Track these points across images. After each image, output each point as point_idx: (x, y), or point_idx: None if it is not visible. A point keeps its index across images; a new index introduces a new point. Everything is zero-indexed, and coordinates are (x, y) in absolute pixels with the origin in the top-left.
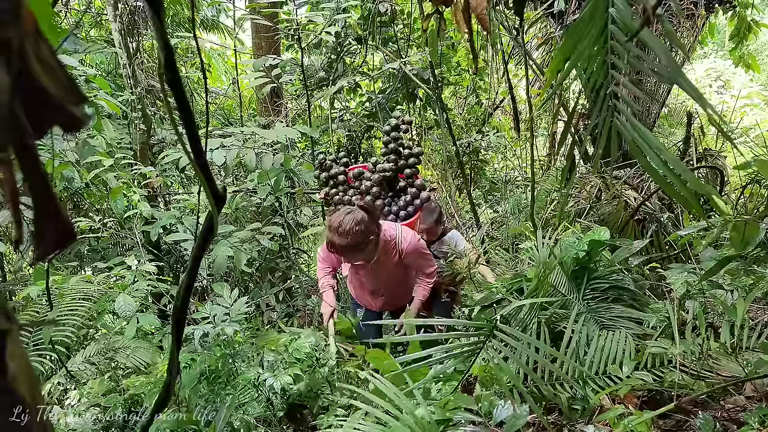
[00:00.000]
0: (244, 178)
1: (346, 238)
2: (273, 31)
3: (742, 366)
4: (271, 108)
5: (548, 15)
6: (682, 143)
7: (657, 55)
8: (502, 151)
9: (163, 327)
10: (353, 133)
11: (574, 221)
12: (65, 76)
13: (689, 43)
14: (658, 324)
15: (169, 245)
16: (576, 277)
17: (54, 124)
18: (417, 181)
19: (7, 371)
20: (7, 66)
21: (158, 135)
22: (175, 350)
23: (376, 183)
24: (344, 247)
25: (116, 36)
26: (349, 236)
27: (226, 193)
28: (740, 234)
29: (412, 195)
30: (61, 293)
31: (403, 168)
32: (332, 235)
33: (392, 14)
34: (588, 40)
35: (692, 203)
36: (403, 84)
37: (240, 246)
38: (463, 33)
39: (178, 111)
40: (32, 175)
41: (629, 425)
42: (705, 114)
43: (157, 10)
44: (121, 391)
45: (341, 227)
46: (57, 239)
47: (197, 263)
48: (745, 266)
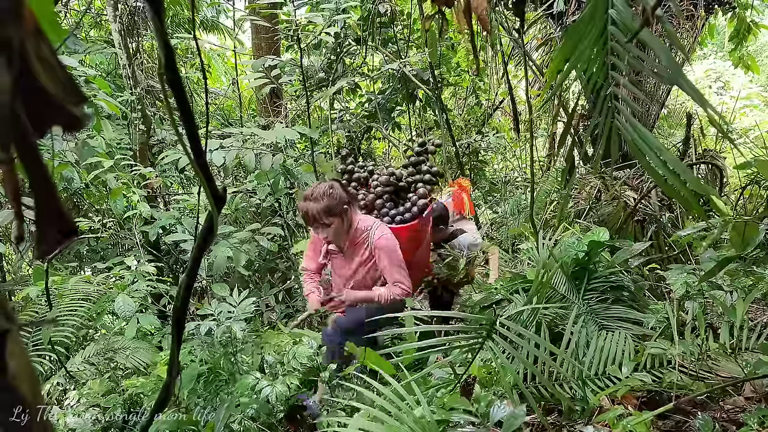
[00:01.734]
0: (244, 179)
1: (317, 202)
2: (273, 31)
3: (741, 367)
4: (271, 108)
5: (548, 16)
6: (681, 144)
7: (657, 56)
8: (502, 152)
9: (163, 327)
10: (353, 134)
11: (573, 222)
12: (65, 76)
13: (689, 44)
14: (657, 325)
15: (169, 246)
16: (576, 278)
17: (54, 124)
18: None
19: (8, 370)
20: (8, 65)
21: (158, 135)
22: (175, 350)
23: (383, 183)
24: (315, 213)
25: (116, 36)
26: (322, 199)
27: (226, 193)
28: (740, 235)
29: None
30: (61, 293)
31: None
32: (305, 202)
33: (392, 15)
34: (588, 40)
35: (692, 203)
36: (402, 85)
37: (239, 247)
38: (464, 33)
39: (178, 111)
40: (34, 173)
41: (628, 426)
42: (705, 115)
43: (157, 10)
44: (121, 391)
45: (313, 193)
46: (59, 237)
47: (197, 263)
48: (745, 267)
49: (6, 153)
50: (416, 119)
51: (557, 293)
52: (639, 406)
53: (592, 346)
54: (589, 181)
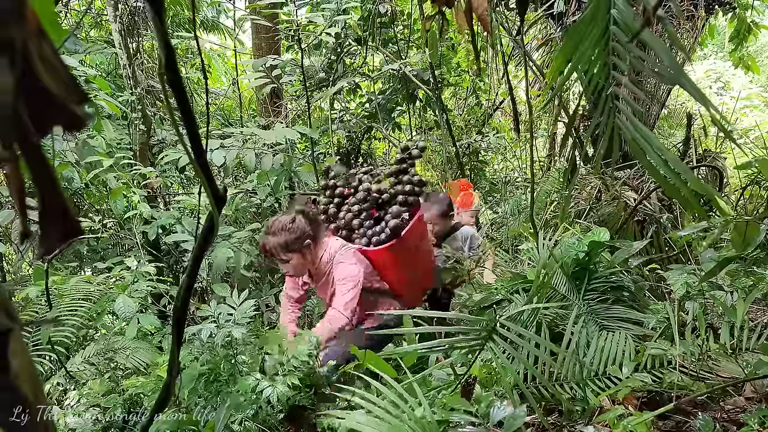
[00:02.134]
0: (244, 179)
1: (276, 236)
2: (273, 31)
3: (741, 367)
4: (271, 109)
5: (548, 16)
6: (682, 144)
7: (659, 56)
8: (502, 152)
9: (163, 327)
10: (353, 134)
11: (573, 222)
12: (67, 76)
13: (689, 45)
14: (657, 325)
15: (169, 246)
16: (576, 278)
17: (57, 124)
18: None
19: (10, 369)
20: (11, 66)
21: (158, 135)
22: (175, 350)
23: (360, 201)
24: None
25: (116, 36)
26: (280, 234)
27: (227, 193)
28: (741, 235)
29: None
30: (61, 293)
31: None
32: (265, 235)
33: (392, 15)
34: (589, 41)
35: (693, 203)
36: (403, 85)
37: (240, 247)
38: (464, 34)
39: (179, 111)
40: (38, 172)
41: (629, 426)
42: (706, 114)
43: (158, 10)
44: (121, 391)
45: (272, 226)
46: (62, 235)
47: (198, 263)
48: (745, 267)
49: (9, 152)
50: (416, 119)
51: (557, 293)
52: (639, 407)
53: (593, 347)
54: (589, 182)
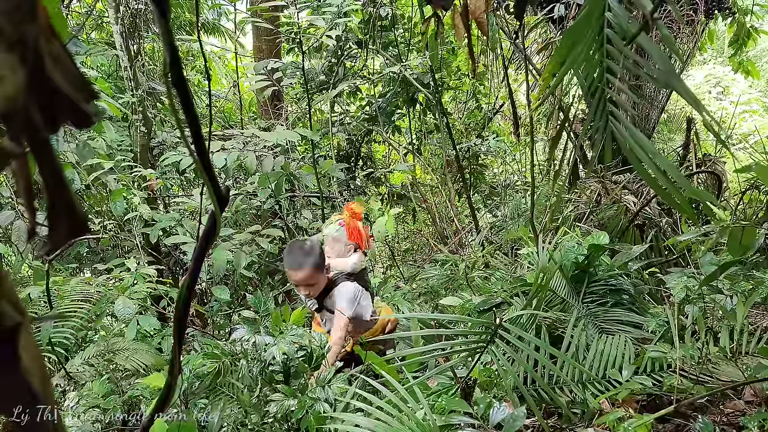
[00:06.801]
0: (244, 181)
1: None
2: (274, 34)
3: (741, 370)
4: (272, 111)
5: (548, 20)
6: (681, 149)
7: (653, 59)
8: (502, 156)
9: (163, 329)
10: (353, 137)
11: (573, 226)
12: (76, 73)
13: (689, 49)
14: (657, 328)
15: (169, 248)
16: (576, 282)
17: (66, 120)
18: None
19: (21, 363)
20: (23, 62)
21: (159, 137)
22: (176, 350)
23: None
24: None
25: (117, 38)
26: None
27: (229, 194)
28: (736, 240)
29: None
30: (61, 295)
31: None
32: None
33: (393, 19)
34: (584, 43)
35: (686, 209)
36: (403, 88)
37: (240, 249)
38: (462, 37)
39: (182, 111)
40: (46, 168)
41: (629, 429)
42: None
43: (163, 11)
44: (121, 392)
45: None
46: (69, 231)
47: (199, 264)
48: (745, 271)
49: (19, 147)
50: (416, 123)
51: (557, 297)
52: (639, 410)
53: (593, 350)
54: (589, 185)
